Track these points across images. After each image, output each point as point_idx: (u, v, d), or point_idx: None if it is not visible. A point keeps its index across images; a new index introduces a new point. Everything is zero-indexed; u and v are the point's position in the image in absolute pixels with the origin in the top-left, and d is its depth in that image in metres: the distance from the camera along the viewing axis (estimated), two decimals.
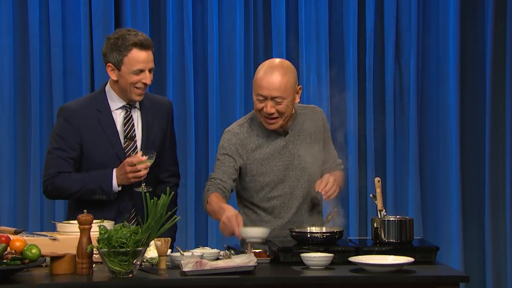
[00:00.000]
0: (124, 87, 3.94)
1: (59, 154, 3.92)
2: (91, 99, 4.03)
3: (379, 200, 3.86)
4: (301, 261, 3.50)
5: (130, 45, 3.89)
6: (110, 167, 3.93)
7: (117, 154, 3.95)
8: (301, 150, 4.00)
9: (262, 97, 3.86)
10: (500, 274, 5.88)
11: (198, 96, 5.82)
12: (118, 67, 3.92)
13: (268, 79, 3.84)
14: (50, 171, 3.93)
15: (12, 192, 5.66)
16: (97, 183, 3.91)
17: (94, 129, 3.94)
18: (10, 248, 3.30)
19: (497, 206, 5.88)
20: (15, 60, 5.68)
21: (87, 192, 3.91)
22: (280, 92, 3.84)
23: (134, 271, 3.29)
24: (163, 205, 3.33)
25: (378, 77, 5.90)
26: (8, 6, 5.63)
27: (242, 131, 3.99)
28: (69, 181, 3.92)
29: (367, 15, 5.83)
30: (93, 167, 3.94)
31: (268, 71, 3.86)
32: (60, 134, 3.94)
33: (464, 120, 5.90)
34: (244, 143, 3.97)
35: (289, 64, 3.93)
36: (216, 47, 5.78)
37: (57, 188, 3.93)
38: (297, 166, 3.99)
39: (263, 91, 3.84)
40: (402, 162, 5.86)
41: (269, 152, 3.98)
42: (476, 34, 5.93)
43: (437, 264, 3.62)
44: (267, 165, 3.97)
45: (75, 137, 3.93)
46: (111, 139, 3.95)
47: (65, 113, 3.96)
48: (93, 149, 3.94)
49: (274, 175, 3.97)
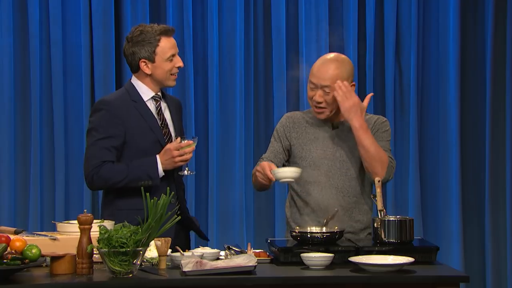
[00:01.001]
0: (160, 77, 4.09)
1: (102, 144, 3.98)
2: (124, 93, 4.12)
3: (379, 200, 3.86)
4: (301, 261, 3.50)
5: (158, 35, 4.06)
6: (152, 153, 4.02)
7: (159, 140, 4.05)
8: (346, 146, 4.07)
9: (313, 85, 4.03)
10: (500, 274, 5.88)
11: (198, 96, 5.82)
12: (152, 60, 4.06)
13: (321, 68, 4.02)
14: (94, 161, 3.97)
15: (12, 192, 5.66)
16: (143, 170, 3.98)
17: (134, 117, 4.04)
18: (10, 248, 3.30)
19: (497, 206, 5.88)
20: (15, 60, 5.68)
21: (133, 180, 3.98)
22: (329, 81, 3.99)
23: (134, 271, 3.30)
24: (163, 205, 3.34)
25: (378, 77, 5.90)
26: (8, 6, 5.63)
27: (296, 116, 4.17)
28: (114, 170, 3.97)
29: (367, 15, 5.83)
30: (136, 153, 4.02)
31: (324, 61, 4.06)
32: (103, 125, 4.00)
33: (464, 120, 5.90)
34: (293, 126, 4.13)
35: (346, 59, 4.09)
36: (216, 47, 5.78)
37: (103, 178, 3.97)
38: (338, 158, 4.06)
39: (314, 78, 4.02)
40: (402, 162, 5.86)
41: (312, 138, 4.09)
42: (476, 34, 5.93)
43: (437, 264, 3.62)
44: (307, 150, 4.08)
45: (119, 126, 4.00)
46: (151, 126, 4.06)
47: (106, 105, 4.04)
48: (136, 136, 4.03)
49: (312, 161, 4.06)
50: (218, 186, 5.77)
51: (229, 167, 5.79)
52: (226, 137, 5.79)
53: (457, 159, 5.84)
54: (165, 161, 4.00)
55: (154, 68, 4.07)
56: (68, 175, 5.68)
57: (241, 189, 5.75)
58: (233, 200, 5.75)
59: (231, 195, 5.79)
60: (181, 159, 3.99)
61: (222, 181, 5.78)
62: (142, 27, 4.09)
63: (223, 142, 5.79)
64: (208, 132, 5.78)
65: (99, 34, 5.67)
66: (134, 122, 4.03)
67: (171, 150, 3.98)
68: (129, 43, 4.08)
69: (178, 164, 4.02)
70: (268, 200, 5.82)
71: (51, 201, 5.68)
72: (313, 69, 4.05)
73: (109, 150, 3.98)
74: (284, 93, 5.80)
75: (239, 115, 5.77)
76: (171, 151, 3.98)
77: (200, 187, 5.80)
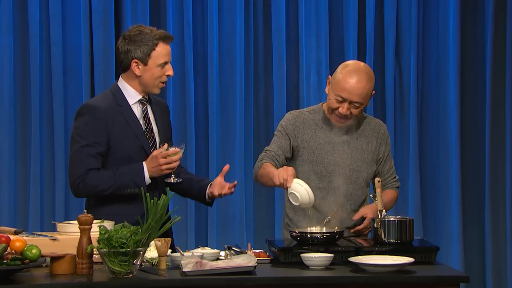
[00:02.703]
0: (148, 81, 4.01)
1: (87, 151, 3.92)
2: (109, 95, 4.05)
3: (379, 200, 3.86)
4: (301, 261, 3.50)
5: (157, 39, 3.99)
6: (136, 159, 3.96)
7: (143, 146, 3.99)
8: (356, 154, 4.05)
9: (342, 98, 3.92)
10: (500, 274, 5.88)
11: (198, 96, 5.82)
12: (145, 62, 3.98)
13: (353, 83, 3.90)
14: (80, 169, 3.92)
15: (12, 192, 5.66)
16: (129, 177, 3.93)
17: (119, 123, 3.97)
18: (10, 248, 3.30)
19: (497, 206, 5.88)
20: (15, 60, 5.68)
21: (119, 187, 3.92)
22: (361, 98, 3.91)
23: (134, 271, 3.30)
24: (163, 205, 3.34)
25: (378, 77, 5.88)
26: (8, 6, 5.63)
27: (302, 116, 4.09)
28: (100, 178, 3.92)
29: (367, 15, 5.83)
30: (121, 159, 3.97)
31: (353, 74, 3.92)
32: (87, 131, 3.94)
33: (464, 120, 5.90)
34: (301, 127, 4.06)
35: (371, 70, 4.00)
36: (216, 47, 5.78)
37: (89, 185, 3.92)
38: (349, 166, 4.04)
39: (345, 93, 3.91)
40: (402, 163, 5.86)
41: (323, 143, 4.04)
42: (476, 34, 5.93)
43: (437, 264, 3.62)
44: (319, 155, 4.03)
45: (103, 132, 3.94)
46: (136, 132, 3.99)
47: (89, 110, 3.97)
48: (120, 142, 3.96)
49: (323, 166, 4.02)
50: None
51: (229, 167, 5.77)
52: (226, 137, 5.79)
53: (457, 160, 5.84)
54: (151, 169, 3.93)
55: (144, 71, 3.98)
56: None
57: (241, 189, 5.74)
58: (233, 200, 5.74)
59: (231, 195, 5.77)
60: (168, 167, 3.92)
61: None
62: (141, 28, 4.03)
63: (223, 142, 5.79)
64: (208, 132, 5.78)
65: (99, 34, 5.67)
66: (119, 128, 3.96)
67: (158, 158, 3.90)
68: (125, 40, 4.01)
69: (164, 172, 3.94)
70: (268, 200, 5.82)
71: (51, 201, 5.67)
72: (342, 82, 3.91)
73: (94, 157, 3.92)
74: (284, 93, 5.80)
75: (239, 115, 5.77)
76: (158, 158, 3.91)
77: None
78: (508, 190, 5.83)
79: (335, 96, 3.93)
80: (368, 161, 4.07)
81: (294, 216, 4.11)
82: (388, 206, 4.05)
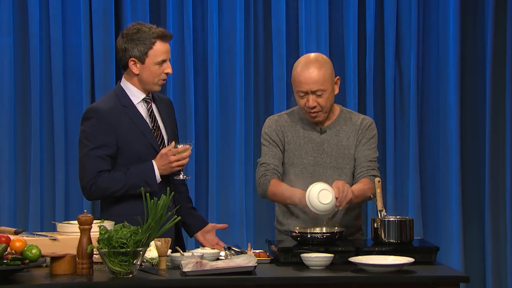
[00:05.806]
0: (147, 79, 4.01)
1: (97, 154, 3.92)
2: (113, 97, 4.05)
3: (379, 200, 3.86)
4: (301, 262, 3.51)
5: (155, 38, 3.98)
6: (146, 157, 3.98)
7: (151, 143, 4.00)
8: (336, 152, 4.04)
9: (303, 93, 3.96)
10: (500, 274, 5.88)
11: (198, 96, 5.82)
12: (142, 60, 3.98)
13: (306, 74, 3.94)
14: (91, 172, 3.92)
15: (12, 192, 5.66)
16: (140, 177, 3.94)
17: (125, 123, 3.98)
18: (10, 248, 3.30)
19: (497, 206, 5.88)
20: (15, 60, 5.68)
21: (131, 187, 3.93)
22: (319, 85, 3.93)
23: (134, 271, 3.30)
24: (163, 205, 3.34)
25: (378, 77, 5.90)
26: (8, 6, 5.63)
27: (280, 120, 4.11)
28: (112, 180, 3.93)
29: (367, 15, 5.83)
30: (130, 159, 3.97)
31: (304, 66, 3.96)
32: (94, 134, 3.94)
33: (464, 120, 5.90)
34: (282, 131, 4.07)
35: (324, 56, 4.03)
36: (216, 47, 5.78)
37: (101, 188, 3.93)
38: (329, 165, 4.03)
39: (303, 86, 3.94)
40: (402, 162, 5.86)
41: (303, 144, 4.05)
42: (476, 34, 5.93)
43: (437, 264, 3.62)
44: (298, 157, 4.04)
45: (110, 134, 3.94)
46: (143, 130, 4.00)
47: (96, 113, 3.97)
48: (128, 142, 3.97)
49: (304, 167, 4.03)
50: (218, 187, 5.77)
51: (229, 167, 5.79)
52: (226, 137, 5.79)
53: (457, 160, 5.84)
54: (161, 167, 3.95)
55: (142, 69, 3.99)
56: (68, 175, 5.68)
57: (241, 189, 5.75)
58: (233, 200, 5.75)
59: (231, 195, 5.79)
60: (178, 164, 3.95)
61: (222, 181, 5.78)
62: (139, 26, 4.02)
63: (223, 142, 5.79)
64: (208, 132, 5.78)
65: (99, 34, 5.67)
66: (126, 128, 3.97)
67: (168, 155, 3.93)
68: (123, 39, 4.00)
69: (175, 170, 3.97)
70: (268, 201, 5.81)
71: (51, 201, 5.67)
72: (296, 78, 3.96)
73: (103, 159, 3.92)
74: (284, 93, 5.79)
75: (239, 115, 5.77)
76: (168, 156, 3.93)
77: (200, 187, 5.80)
78: (508, 190, 5.83)
79: (298, 93, 3.98)
80: (350, 156, 4.06)
81: (283, 219, 4.10)
82: (359, 194, 3.91)
